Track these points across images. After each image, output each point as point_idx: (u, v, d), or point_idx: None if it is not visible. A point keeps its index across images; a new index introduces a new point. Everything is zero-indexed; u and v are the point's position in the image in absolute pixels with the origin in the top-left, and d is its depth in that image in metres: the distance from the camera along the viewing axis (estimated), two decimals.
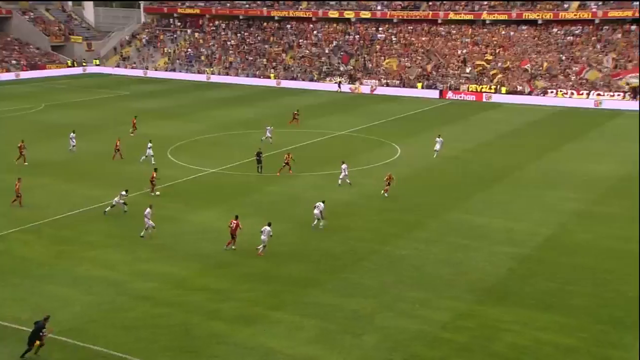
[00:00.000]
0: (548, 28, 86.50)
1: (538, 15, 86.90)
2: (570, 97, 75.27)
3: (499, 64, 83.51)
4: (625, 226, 33.84)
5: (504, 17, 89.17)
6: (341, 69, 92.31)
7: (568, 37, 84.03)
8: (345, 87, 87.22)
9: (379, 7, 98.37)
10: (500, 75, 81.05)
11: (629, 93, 72.43)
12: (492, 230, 33.32)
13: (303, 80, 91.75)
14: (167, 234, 32.56)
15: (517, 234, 32.76)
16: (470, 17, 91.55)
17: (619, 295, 25.89)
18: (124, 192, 35.38)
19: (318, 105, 76.06)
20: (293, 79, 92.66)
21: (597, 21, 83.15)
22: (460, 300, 25.52)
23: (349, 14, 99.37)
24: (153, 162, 44.65)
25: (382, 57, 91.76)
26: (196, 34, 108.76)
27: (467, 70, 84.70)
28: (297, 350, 22.03)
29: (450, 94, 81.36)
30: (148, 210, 32.16)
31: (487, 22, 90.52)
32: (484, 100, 78.98)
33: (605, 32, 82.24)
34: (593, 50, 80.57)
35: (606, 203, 37.91)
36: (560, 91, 76.36)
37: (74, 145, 49.63)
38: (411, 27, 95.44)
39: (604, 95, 73.65)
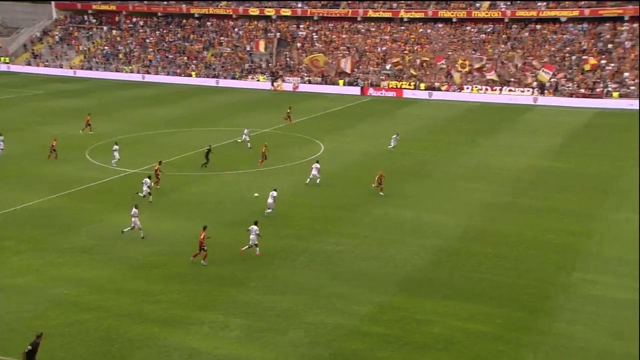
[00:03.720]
0: (462, 26, 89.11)
1: (452, 14, 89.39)
2: (484, 93, 77.82)
3: (417, 61, 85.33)
4: (541, 216, 35.19)
5: (420, 15, 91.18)
6: (263, 66, 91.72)
7: (481, 35, 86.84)
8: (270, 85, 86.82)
9: (299, 5, 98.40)
10: (418, 72, 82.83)
11: (537, 89, 75.62)
12: (419, 224, 33.83)
13: (225, 78, 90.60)
14: (92, 237, 31.30)
15: (445, 228, 33.37)
16: (388, 14, 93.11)
17: (536, 283, 26.82)
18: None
19: (241, 103, 75.29)
20: (215, 76, 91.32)
21: (506, 20, 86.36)
22: (388, 294, 25.75)
23: (270, 12, 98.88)
24: (114, 165, 43.84)
25: (304, 54, 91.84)
26: (113, 31, 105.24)
27: (387, 67, 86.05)
28: (222, 350, 21.67)
29: (371, 91, 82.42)
30: (135, 210, 31.21)
31: (405, 20, 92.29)
32: (404, 96, 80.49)
33: (514, 30, 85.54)
34: (504, 47, 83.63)
35: (523, 194, 39.29)
36: (475, 87, 78.81)
37: (1, 149, 47.10)
38: (332, 25, 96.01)
39: (515, 91, 76.56)
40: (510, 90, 76.86)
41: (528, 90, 76.12)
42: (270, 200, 34.47)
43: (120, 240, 30.98)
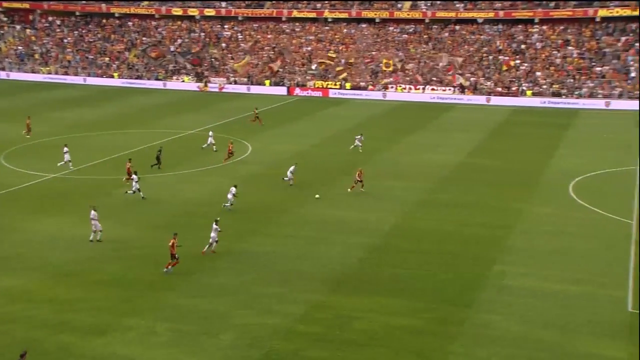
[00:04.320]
0: (385, 26, 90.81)
1: (375, 14, 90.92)
2: (408, 92, 79.62)
3: (342, 61, 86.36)
4: (461, 211, 36.48)
5: (344, 15, 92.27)
6: (188, 67, 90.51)
7: (403, 35, 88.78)
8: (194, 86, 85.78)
9: (223, 5, 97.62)
10: (344, 73, 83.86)
11: (458, 88, 78.07)
12: (344, 223, 34.40)
13: (148, 79, 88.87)
14: (9, 245, 30.19)
15: (369, 225, 34.08)
16: (313, 15, 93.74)
17: (457, 276, 27.88)
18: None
19: (166, 105, 74.11)
20: (138, 78, 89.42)
21: (427, 20, 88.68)
22: (316, 293, 26.16)
23: (193, 12, 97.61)
24: (71, 167, 42.90)
25: (229, 55, 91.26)
26: (27, 30, 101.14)
27: (313, 67, 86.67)
28: (151, 355, 21.49)
29: (297, 91, 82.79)
30: (93, 212, 30.45)
31: (329, 20, 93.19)
32: (330, 96, 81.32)
33: (435, 31, 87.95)
34: (426, 47, 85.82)
35: (445, 190, 40.56)
36: (400, 86, 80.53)
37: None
38: (257, 25, 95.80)
39: (437, 90, 78.73)
40: (433, 89, 78.93)
41: (450, 90, 78.43)
42: (229, 196, 35.52)
43: (40, 248, 30.04)
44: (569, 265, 28.79)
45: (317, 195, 38.31)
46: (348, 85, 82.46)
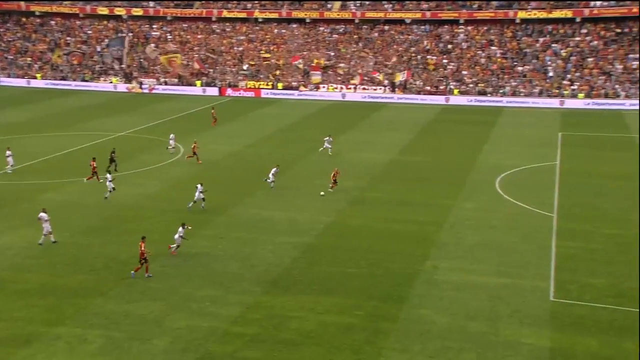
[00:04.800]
0: (316, 26, 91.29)
1: (306, 14, 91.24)
2: (340, 91, 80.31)
3: (273, 61, 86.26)
4: (391, 209, 37.11)
5: (275, 15, 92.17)
6: (116, 67, 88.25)
7: (334, 35, 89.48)
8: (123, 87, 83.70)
9: (151, 4, 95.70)
10: (276, 73, 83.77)
11: (389, 87, 79.37)
12: (276, 223, 34.41)
13: (74, 80, 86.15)
14: None
15: (300, 224, 34.21)
16: (243, 15, 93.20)
17: (387, 273, 28.36)
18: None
19: (94, 106, 72.02)
20: (63, 79, 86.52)
21: (356, 21, 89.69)
22: (249, 294, 26.06)
23: (120, 11, 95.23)
24: (10, 172, 41.52)
25: (159, 55, 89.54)
26: None
27: (245, 67, 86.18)
28: None
29: (229, 91, 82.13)
30: (42, 214, 29.35)
31: (260, 20, 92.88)
32: (263, 96, 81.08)
33: (364, 30, 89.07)
34: (356, 47, 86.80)
35: (376, 189, 41.15)
36: (331, 86, 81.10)
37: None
38: (186, 25, 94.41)
39: (368, 89, 79.76)
40: (364, 89, 79.87)
41: (380, 89, 79.57)
42: (197, 194, 35.75)
43: None
44: (495, 258, 29.76)
45: (322, 193, 38.89)
46: (280, 85, 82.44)
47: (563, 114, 66.95)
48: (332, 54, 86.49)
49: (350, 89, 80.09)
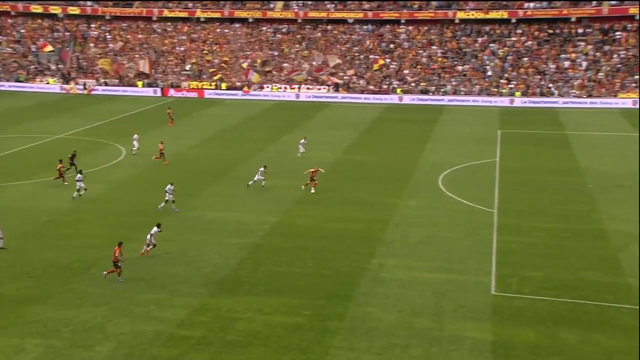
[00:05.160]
0: (258, 26, 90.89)
1: (248, 14, 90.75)
2: (284, 92, 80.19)
3: (216, 61, 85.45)
4: (337, 208, 37.31)
5: (217, 15, 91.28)
6: (52, 67, 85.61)
7: (277, 35, 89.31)
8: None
9: (89, 3, 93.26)
10: (219, 73, 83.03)
11: (332, 87, 79.78)
12: (222, 224, 34.10)
13: (7, 80, 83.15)
14: None
15: (246, 225, 33.99)
16: (185, 14, 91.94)
17: (334, 272, 28.50)
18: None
19: (29, 108, 69.68)
20: None
21: (299, 20, 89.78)
22: (195, 296, 25.75)
23: (55, 9, 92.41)
24: None
25: (98, 55, 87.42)
26: None
27: (187, 67, 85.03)
28: None
29: (172, 92, 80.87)
30: None
31: (202, 19, 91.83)
32: (206, 96, 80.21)
33: (308, 31, 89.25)
34: (299, 47, 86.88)
35: (322, 188, 41.13)
36: (275, 86, 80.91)
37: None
38: (126, 24, 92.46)
39: (312, 89, 79.95)
40: (308, 89, 80.00)
41: (325, 88, 79.87)
42: (167, 195, 35.57)
43: None
44: (439, 255, 30.31)
45: (312, 191, 38.95)
46: (224, 85, 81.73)
47: (502, 112, 68.78)
48: (276, 53, 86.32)
49: (294, 88, 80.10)
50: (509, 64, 78.92)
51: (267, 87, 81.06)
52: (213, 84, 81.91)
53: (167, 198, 35.87)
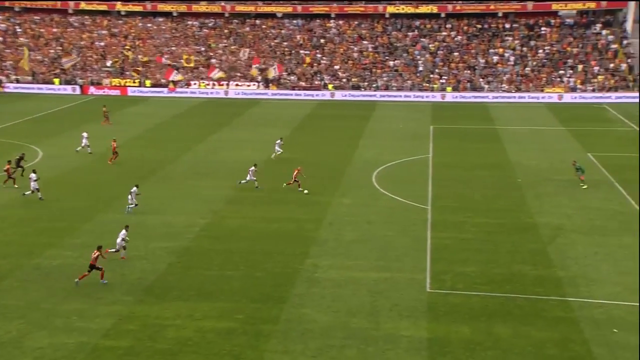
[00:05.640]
0: (183, 20, 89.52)
1: (172, 7, 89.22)
2: (212, 88, 79.27)
3: (139, 57, 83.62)
4: (269, 208, 37.24)
5: (139, 8, 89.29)
6: None
7: (203, 30, 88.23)
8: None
9: None
10: (141, 69, 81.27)
11: (262, 83, 79.54)
12: (149, 227, 33.47)
13: None
14: None
15: (175, 228, 33.51)
16: (104, 7, 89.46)
17: (267, 273, 28.46)
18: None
19: None
20: None
21: (227, 15, 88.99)
22: (121, 304, 25.17)
23: None
24: None
25: (7, 50, 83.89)
26: None
27: (108, 63, 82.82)
28: None
29: (92, 90, 78.56)
30: None
31: (123, 13, 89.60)
32: (129, 94, 78.37)
33: (235, 25, 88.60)
34: (227, 42, 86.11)
35: (252, 188, 41.04)
36: (202, 82, 79.90)
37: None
38: (38, 17, 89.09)
39: (242, 85, 79.43)
40: (237, 85, 79.42)
41: (254, 84, 79.50)
42: (130, 196, 35.28)
43: None
44: (374, 253, 30.73)
45: (305, 191, 38.66)
46: (148, 82, 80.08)
47: (434, 107, 70.38)
48: (203, 49, 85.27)
49: (222, 85, 79.33)
50: (439, 58, 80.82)
51: (195, 84, 79.98)
52: (136, 81, 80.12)
53: (130, 201, 35.28)
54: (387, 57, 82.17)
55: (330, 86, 78.29)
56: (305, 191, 39.53)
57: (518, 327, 23.82)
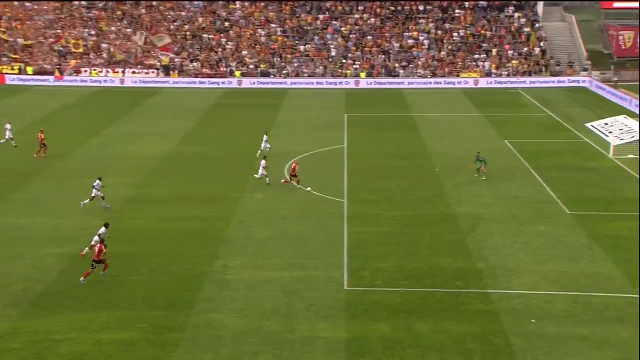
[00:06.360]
0: (70, 0, 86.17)
1: None
2: (105, 76, 76.86)
3: (19, 41, 79.85)
4: (173, 206, 36.55)
5: None
6: None
7: (93, 11, 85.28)
8: None
9: None
10: (21, 53, 77.77)
11: (162, 70, 77.85)
12: (36, 231, 32.29)
13: None
14: None
15: (66, 231, 32.45)
16: None
17: (173, 277, 27.97)
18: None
19: None
20: None
21: None
22: (3, 319, 24.10)
23: None
24: None
25: None
26: None
27: None
28: None
29: None
30: None
31: None
32: (8, 82, 74.83)
33: (130, 7, 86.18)
34: (120, 25, 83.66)
35: (156, 184, 40.22)
36: (94, 70, 77.32)
37: None
38: None
39: (139, 73, 77.42)
40: (134, 72, 77.40)
41: (153, 72, 77.70)
42: (94, 191, 34.97)
43: None
44: (288, 251, 30.77)
45: (308, 188, 37.84)
46: (30, 69, 76.71)
47: (347, 94, 71.20)
48: (93, 32, 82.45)
49: (117, 72, 77.06)
50: (352, 42, 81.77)
51: (85, 71, 77.30)
52: (16, 67, 76.54)
53: (93, 194, 34.44)
54: (297, 42, 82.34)
55: (237, 73, 77.65)
56: (308, 188, 38.95)
57: (438, 322, 24.50)
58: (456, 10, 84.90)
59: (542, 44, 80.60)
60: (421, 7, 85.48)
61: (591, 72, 76.57)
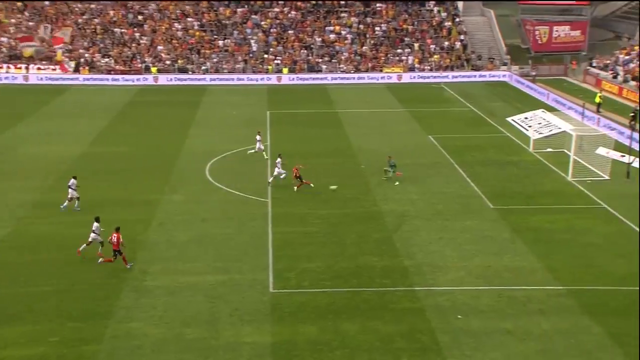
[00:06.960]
0: None
1: None
2: (6, 72, 74.01)
3: None
4: (86, 210, 35.26)
5: None
6: None
7: None
8: None
9: None
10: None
11: (69, 66, 75.57)
12: None
13: None
14: None
15: None
16: None
17: (87, 286, 27.26)
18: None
19: None
20: None
21: None
22: None
23: None
24: None
25: None
26: None
27: None
28: None
29: None
30: None
31: None
32: None
33: None
34: (22, 17, 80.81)
35: (63, 188, 38.81)
36: None
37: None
38: None
39: (45, 69, 74.94)
40: (39, 69, 74.83)
41: (54, 68, 75.34)
42: (70, 191, 35.02)
43: None
44: (210, 254, 30.54)
45: (311, 184, 38.66)
46: None
47: (269, 91, 71.10)
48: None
49: (20, 68, 74.33)
50: (273, 37, 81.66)
51: None
52: None
53: (70, 195, 33.81)
54: (215, 37, 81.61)
55: (153, 69, 76.25)
56: (311, 184, 39.03)
57: (365, 322, 24.82)
58: (378, 4, 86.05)
59: (462, 38, 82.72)
60: (342, 1, 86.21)
61: (511, 66, 79.19)
